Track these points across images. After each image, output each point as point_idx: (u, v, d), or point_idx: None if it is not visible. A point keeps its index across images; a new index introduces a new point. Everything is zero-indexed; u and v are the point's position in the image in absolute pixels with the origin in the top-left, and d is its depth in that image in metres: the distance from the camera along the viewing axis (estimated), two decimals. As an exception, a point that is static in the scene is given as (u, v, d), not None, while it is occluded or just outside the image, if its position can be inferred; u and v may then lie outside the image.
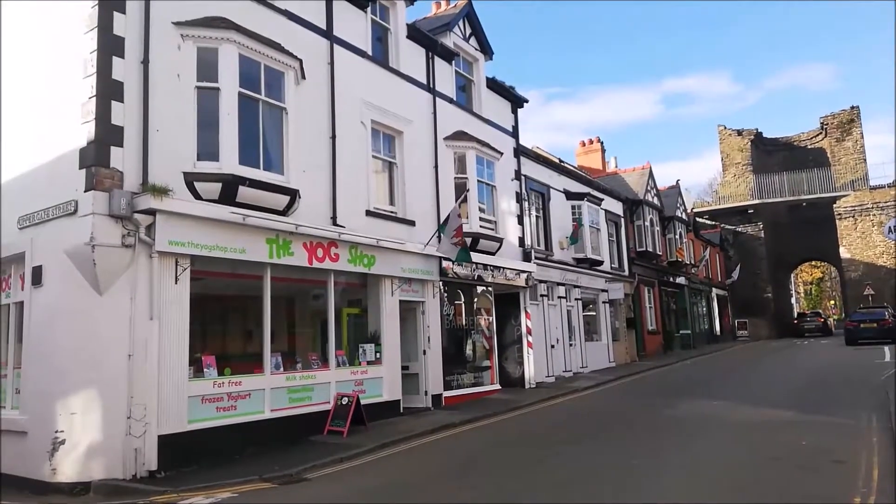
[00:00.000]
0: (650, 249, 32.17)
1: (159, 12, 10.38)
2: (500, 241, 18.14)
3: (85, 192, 9.38)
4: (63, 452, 9.04)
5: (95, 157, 9.42)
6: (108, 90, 9.65)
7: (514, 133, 20.85)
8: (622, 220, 30.08)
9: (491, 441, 11.74)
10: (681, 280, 37.18)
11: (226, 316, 12.31)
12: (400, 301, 14.78)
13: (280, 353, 11.99)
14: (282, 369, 11.86)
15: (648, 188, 33.44)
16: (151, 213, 9.70)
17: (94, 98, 9.54)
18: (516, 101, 21.10)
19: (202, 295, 10.68)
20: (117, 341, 9.38)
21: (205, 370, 10.54)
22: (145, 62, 10.11)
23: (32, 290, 10.08)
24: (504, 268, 18.44)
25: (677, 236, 36.66)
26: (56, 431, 9.10)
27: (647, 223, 32.40)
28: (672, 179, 70.82)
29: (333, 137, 13.40)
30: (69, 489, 8.82)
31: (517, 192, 20.17)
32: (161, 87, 10.24)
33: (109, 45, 9.74)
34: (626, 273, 29.76)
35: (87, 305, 9.37)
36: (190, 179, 10.41)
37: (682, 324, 37.11)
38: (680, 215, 37.58)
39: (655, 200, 34.38)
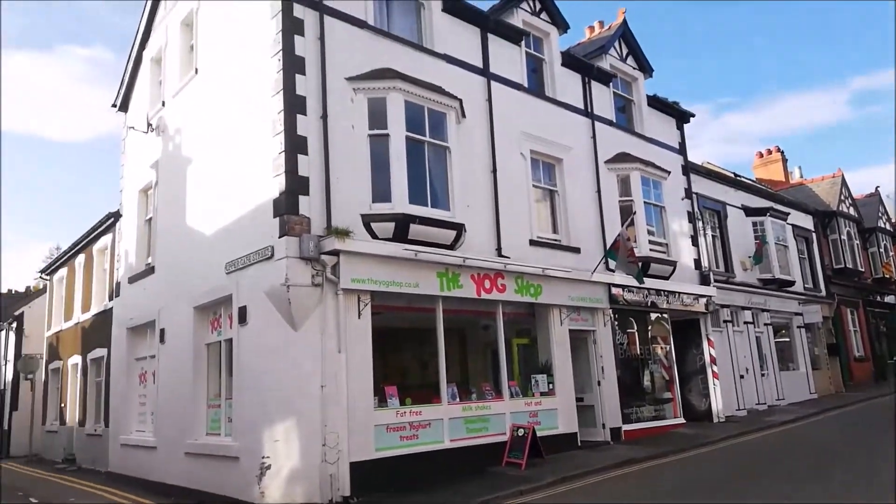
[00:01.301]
0: (850, 266, 28.67)
1: (334, 70, 11.38)
2: (674, 264, 17.20)
3: (279, 237, 10.37)
4: (269, 477, 9.87)
5: (287, 206, 10.43)
6: (295, 145, 10.69)
7: (682, 150, 19.84)
8: (813, 235, 27.20)
9: (681, 479, 10.91)
10: (890, 299, 32.58)
11: (403, 347, 12.84)
12: (570, 330, 14.48)
13: (455, 384, 12.24)
14: (458, 399, 12.09)
15: (842, 198, 30.01)
16: (335, 253, 10.49)
17: (283, 153, 10.62)
18: (681, 117, 20.12)
19: (382, 329, 11.25)
20: (311, 373, 10.13)
21: (388, 400, 11.05)
22: (324, 116, 11.09)
23: (239, 328, 11.25)
24: (679, 292, 17.40)
25: (882, 249, 32.31)
26: (263, 457, 9.98)
27: (844, 237, 28.97)
28: (869, 187, 63.00)
29: (494, 171, 13.67)
30: (273, 511, 9.59)
31: (689, 212, 19.07)
32: (338, 138, 11.17)
33: (293, 105, 10.82)
34: (823, 293, 26.71)
35: (284, 341, 10.27)
36: (367, 221, 11.15)
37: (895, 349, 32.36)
38: (883, 226, 33.19)
39: (852, 211, 30.73)
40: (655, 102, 19.17)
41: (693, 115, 20.29)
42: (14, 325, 26.32)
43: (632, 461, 12.15)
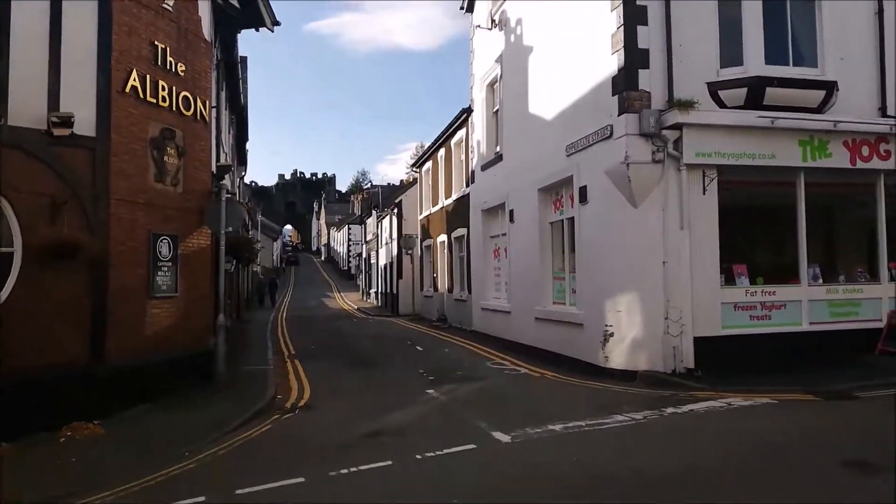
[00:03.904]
0: None
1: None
2: None
3: (618, 115, 10.30)
4: (612, 343, 10.47)
5: (626, 82, 10.21)
6: (634, 16, 10.24)
7: None
8: None
9: None
10: None
11: (753, 226, 11.84)
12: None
13: (817, 265, 10.99)
14: (821, 281, 10.87)
15: None
16: (678, 127, 10.01)
17: (622, 27, 10.27)
18: None
19: (729, 205, 10.52)
20: (652, 249, 10.16)
21: (736, 279, 10.51)
22: (665, -22, 10.28)
23: (580, 207, 11.76)
24: None
25: None
26: (606, 326, 10.58)
27: None
28: None
29: (880, 12, 11.11)
30: (618, 374, 10.20)
31: None
32: (681, 3, 10.29)
33: (630, -29, 10.25)
34: None
35: (624, 218, 10.42)
36: (713, 89, 10.29)
37: None
38: None
39: None
40: None
41: None
42: (395, 210, 31.80)
43: None
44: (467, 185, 19.74)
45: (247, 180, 44.92)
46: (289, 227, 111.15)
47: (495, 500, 5.22)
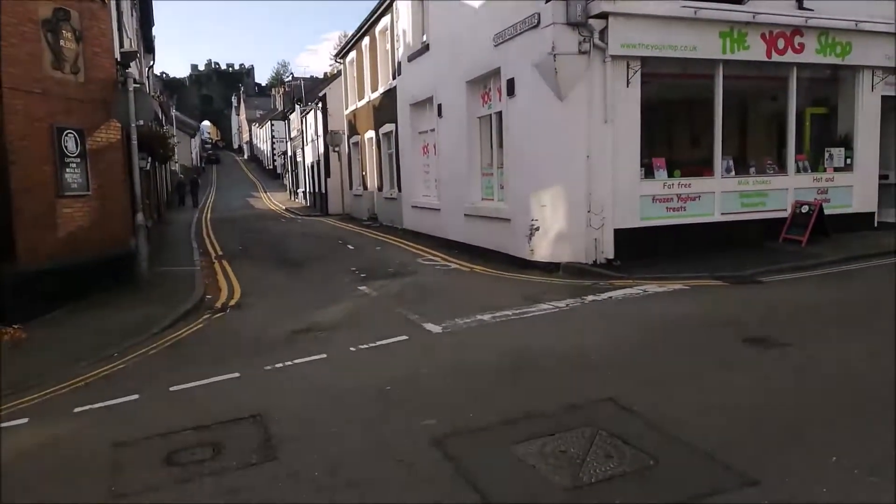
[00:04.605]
0: None
1: None
2: None
3: (545, 2, 10.06)
4: (538, 237, 10.81)
5: (553, -33, 9.89)
6: None
7: None
8: None
9: None
10: None
11: (673, 120, 12.21)
12: (882, 97, 12.22)
13: (731, 158, 11.51)
14: (733, 173, 11.45)
15: None
16: (604, 16, 9.93)
17: None
18: None
19: (650, 99, 10.74)
20: (577, 143, 10.32)
21: (655, 172, 10.91)
22: None
23: (508, 101, 11.67)
24: None
25: None
26: (532, 220, 10.87)
27: None
28: None
29: None
30: (543, 267, 10.63)
31: None
32: None
33: None
34: None
35: (550, 112, 10.46)
36: (642, -24, 10.16)
37: None
38: None
39: None
40: None
41: None
42: (320, 105, 30.60)
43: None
44: (394, 78, 19.12)
45: (156, 71, 41.92)
46: (207, 122, 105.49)
47: (428, 385, 5.51)
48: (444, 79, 14.53)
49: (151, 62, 28.12)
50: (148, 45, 25.50)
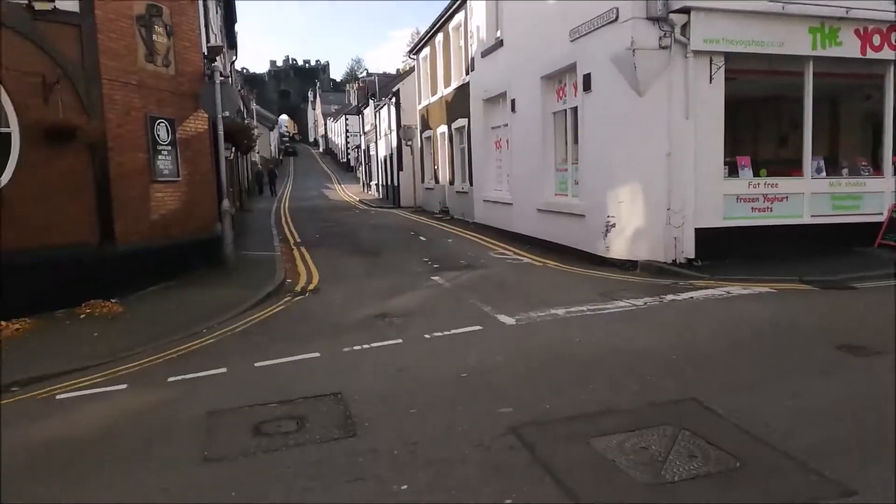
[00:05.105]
0: None
1: None
2: None
3: (625, -1, 9.88)
4: (614, 234, 10.64)
5: (638, -40, 9.69)
6: None
7: None
8: None
9: None
10: None
11: (759, 118, 11.78)
12: None
13: (821, 158, 10.98)
14: (824, 174, 10.92)
15: None
16: (686, 11, 9.64)
17: None
18: None
19: (735, 96, 10.34)
20: (656, 140, 10.08)
21: (739, 171, 10.54)
22: None
23: (584, 96, 11.51)
24: None
25: None
26: (608, 216, 10.70)
27: None
28: None
29: None
30: (619, 264, 10.45)
31: None
32: None
33: None
34: None
35: (628, 107, 10.25)
36: (733, -31, 9.81)
37: None
38: None
39: None
40: None
41: None
42: (393, 100, 31.05)
43: None
44: (467, 74, 19.18)
45: (237, 66, 43.51)
46: (285, 116, 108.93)
47: (503, 374, 5.54)
48: (518, 74, 14.48)
49: (234, 58, 29.22)
50: (231, 42, 26.51)
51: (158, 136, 10.24)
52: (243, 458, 4.12)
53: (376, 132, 39.05)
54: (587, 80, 11.31)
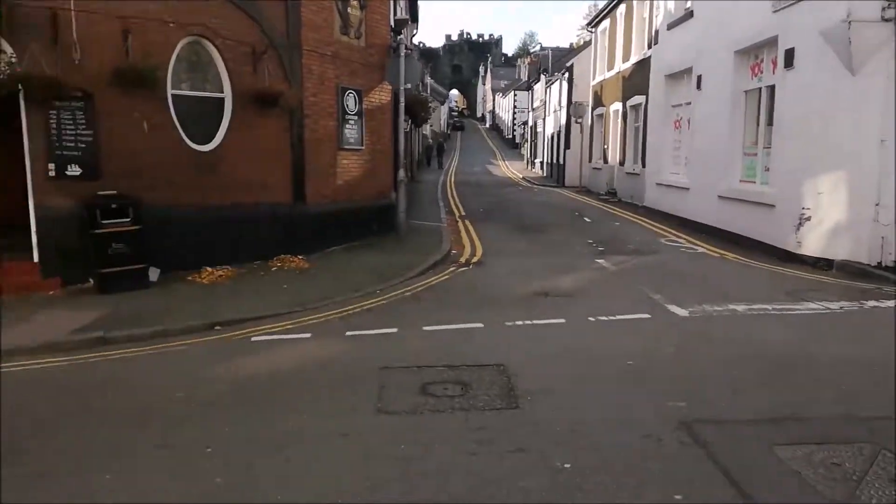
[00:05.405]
0: None
1: None
2: None
3: (852, -39, 8.73)
4: (808, 228, 9.62)
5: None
6: None
7: None
8: None
9: None
10: None
11: None
12: None
13: None
14: None
15: None
16: (926, -25, 8.33)
17: None
18: None
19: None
20: (868, 125, 8.90)
21: (974, 163, 9.00)
22: None
23: (784, 73, 10.42)
24: None
25: None
26: (803, 208, 9.69)
27: None
28: None
29: None
30: (812, 262, 9.45)
31: None
32: None
33: None
34: None
35: (838, 87, 9.13)
36: None
37: None
38: None
39: None
40: None
41: None
42: (566, 75, 30.39)
43: None
44: (649, 47, 18.18)
45: (415, 40, 44.97)
46: (455, 91, 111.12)
47: (674, 367, 5.28)
48: (708, 48, 13.43)
49: (415, 31, 30.19)
50: (413, 15, 27.38)
51: (347, 105, 10.91)
52: (411, 414, 4.33)
53: (545, 108, 38.55)
54: (790, 55, 10.22)
